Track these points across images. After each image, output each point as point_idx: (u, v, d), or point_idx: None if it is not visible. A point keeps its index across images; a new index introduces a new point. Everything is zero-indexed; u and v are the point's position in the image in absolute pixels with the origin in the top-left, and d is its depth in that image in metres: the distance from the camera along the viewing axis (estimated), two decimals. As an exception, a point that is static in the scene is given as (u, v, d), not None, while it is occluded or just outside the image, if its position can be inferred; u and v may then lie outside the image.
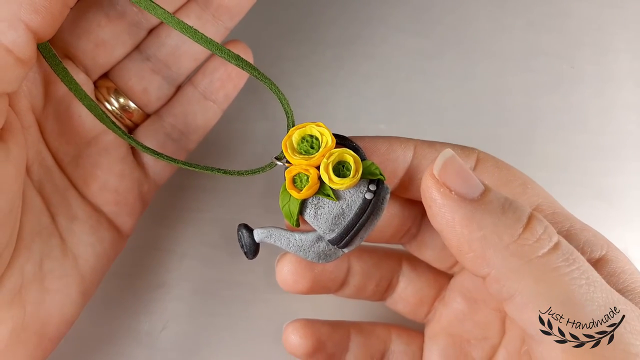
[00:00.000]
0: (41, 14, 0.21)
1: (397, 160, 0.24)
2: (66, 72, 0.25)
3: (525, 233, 0.20)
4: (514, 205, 0.20)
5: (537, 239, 0.20)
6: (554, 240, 0.20)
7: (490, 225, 0.20)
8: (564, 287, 0.19)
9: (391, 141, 0.24)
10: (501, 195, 0.20)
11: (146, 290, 0.32)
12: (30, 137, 0.25)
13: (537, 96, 0.36)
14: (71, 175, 0.27)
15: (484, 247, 0.20)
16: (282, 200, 0.23)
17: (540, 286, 0.19)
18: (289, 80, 0.35)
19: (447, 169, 0.20)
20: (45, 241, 0.25)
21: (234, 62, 0.23)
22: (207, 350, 0.32)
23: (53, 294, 0.25)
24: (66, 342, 0.30)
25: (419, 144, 0.24)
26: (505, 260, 0.20)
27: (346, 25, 0.36)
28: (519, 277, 0.19)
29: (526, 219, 0.20)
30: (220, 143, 0.34)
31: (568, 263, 0.19)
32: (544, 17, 0.37)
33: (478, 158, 0.24)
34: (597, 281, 0.20)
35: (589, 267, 0.20)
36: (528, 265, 0.19)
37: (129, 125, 0.29)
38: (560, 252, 0.20)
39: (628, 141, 0.35)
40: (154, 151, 0.26)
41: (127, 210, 0.28)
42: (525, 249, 0.19)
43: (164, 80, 0.29)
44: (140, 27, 0.28)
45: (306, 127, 0.23)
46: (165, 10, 0.23)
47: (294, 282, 0.26)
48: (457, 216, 0.20)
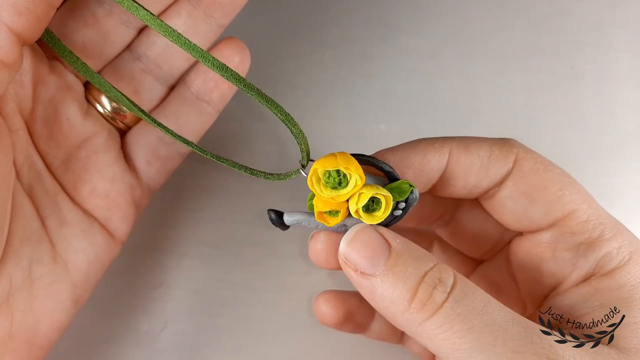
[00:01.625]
0: (24, 16, 0.20)
1: (432, 170, 0.24)
2: (77, 59, 0.24)
3: (413, 302, 0.21)
4: (407, 275, 0.21)
5: (422, 304, 0.21)
6: (439, 300, 0.21)
7: (388, 297, 0.21)
8: (446, 343, 0.20)
9: (426, 151, 0.24)
10: (406, 260, 0.22)
11: (146, 290, 0.32)
12: (19, 141, 0.24)
13: (537, 96, 0.36)
14: (61, 179, 0.26)
15: (390, 317, 0.22)
16: (311, 207, 0.23)
17: (435, 346, 0.21)
18: (288, 80, 0.35)
19: (352, 249, 0.22)
20: (34, 246, 0.24)
21: (219, 72, 0.21)
22: (207, 351, 0.32)
23: (42, 300, 0.24)
24: (66, 342, 0.30)
25: (454, 149, 0.24)
26: (406, 326, 0.21)
27: (346, 25, 0.36)
28: (423, 340, 0.21)
29: (416, 286, 0.21)
30: (220, 143, 0.34)
31: (450, 319, 0.20)
32: (543, 16, 0.37)
33: (516, 159, 0.24)
34: (480, 324, 0.20)
35: (479, 310, 0.21)
36: (420, 329, 0.21)
37: (121, 127, 0.28)
38: (444, 311, 0.21)
39: (628, 141, 0.35)
40: (183, 138, 0.25)
41: (120, 216, 0.27)
42: (414, 316, 0.21)
43: (156, 81, 0.28)
44: (130, 25, 0.27)
45: (332, 162, 0.22)
46: (149, 12, 0.21)
47: (326, 262, 0.25)
48: (365, 291, 0.22)
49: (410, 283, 0.21)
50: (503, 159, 0.24)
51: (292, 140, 0.34)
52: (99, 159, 0.27)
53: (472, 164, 0.24)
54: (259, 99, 0.21)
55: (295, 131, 0.22)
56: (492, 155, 0.24)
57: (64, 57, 0.25)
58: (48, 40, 0.24)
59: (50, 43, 0.24)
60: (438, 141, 0.24)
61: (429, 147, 0.24)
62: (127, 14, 0.26)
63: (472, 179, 0.24)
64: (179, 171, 0.31)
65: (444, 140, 0.24)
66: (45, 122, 0.25)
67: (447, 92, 0.36)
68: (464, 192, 0.25)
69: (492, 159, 0.24)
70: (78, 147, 0.26)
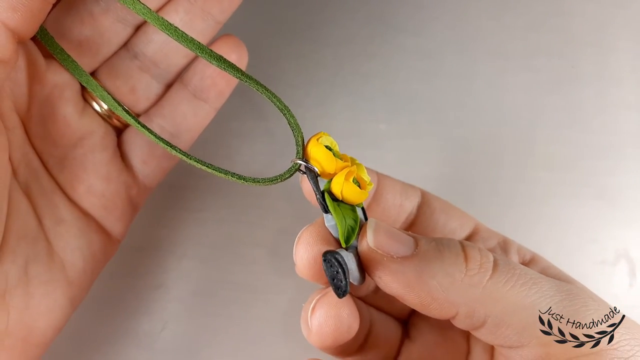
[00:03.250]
0: (19, 12, 0.20)
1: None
2: (69, 58, 0.24)
3: (469, 264, 0.21)
4: (446, 243, 0.21)
5: (480, 265, 0.21)
6: (491, 259, 0.21)
7: (438, 270, 0.20)
8: (517, 296, 0.20)
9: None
10: (430, 239, 0.22)
11: (145, 291, 0.32)
12: (16, 139, 0.24)
13: (537, 96, 0.36)
14: (57, 177, 0.26)
15: (443, 292, 0.21)
16: (339, 218, 0.21)
17: (501, 304, 0.20)
18: (288, 80, 0.35)
19: (382, 236, 0.21)
20: (31, 245, 0.24)
21: (217, 64, 0.21)
22: (207, 351, 0.32)
23: (39, 299, 0.24)
24: (65, 343, 0.30)
25: (380, 175, 0.26)
26: (466, 295, 0.20)
27: (346, 25, 0.36)
28: (483, 305, 0.20)
29: (462, 251, 0.21)
30: (219, 142, 0.34)
31: (510, 274, 0.21)
32: (544, 16, 0.37)
33: (422, 193, 0.26)
34: (534, 276, 0.21)
35: (523, 267, 0.21)
36: (484, 291, 0.20)
37: (117, 126, 0.28)
38: (500, 268, 0.21)
39: (628, 141, 0.35)
40: (167, 142, 0.24)
41: (116, 214, 0.27)
42: (475, 279, 0.20)
43: (153, 79, 0.28)
44: (126, 23, 0.27)
45: (322, 137, 0.22)
46: (146, 7, 0.21)
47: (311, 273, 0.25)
48: (410, 276, 0.21)
49: (455, 247, 0.21)
50: (413, 191, 0.26)
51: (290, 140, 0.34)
52: (95, 158, 0.27)
53: (394, 185, 0.26)
54: (257, 88, 0.22)
55: (292, 122, 0.22)
56: (405, 186, 0.26)
57: (56, 56, 0.25)
58: (42, 38, 0.24)
59: (44, 40, 0.24)
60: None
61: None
62: (124, 12, 0.26)
63: (395, 210, 0.26)
64: (179, 171, 0.31)
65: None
66: (42, 120, 0.25)
67: (447, 92, 0.36)
68: (394, 212, 0.26)
69: (405, 187, 0.26)
70: (74, 145, 0.26)
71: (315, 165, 0.22)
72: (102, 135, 0.27)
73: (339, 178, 0.22)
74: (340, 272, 0.20)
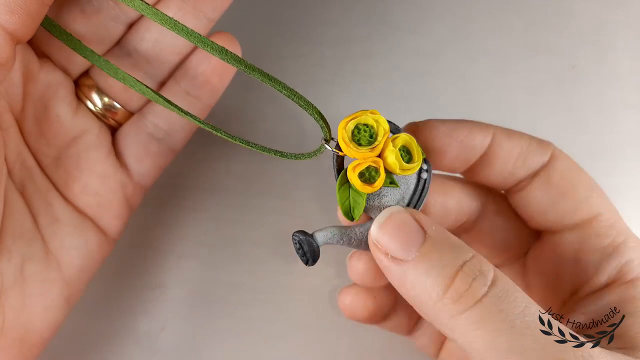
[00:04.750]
0: (17, 14, 0.20)
1: (475, 147, 0.24)
2: (81, 44, 0.24)
3: (448, 292, 0.20)
4: (443, 262, 0.20)
5: (459, 296, 0.20)
6: (478, 295, 0.20)
7: (420, 284, 0.20)
8: (480, 341, 0.19)
9: (472, 128, 0.24)
10: (439, 249, 0.21)
11: (145, 291, 0.32)
12: (10, 138, 0.24)
13: (537, 95, 0.36)
14: (52, 176, 0.26)
15: (418, 306, 0.21)
16: (341, 197, 0.23)
17: (466, 340, 0.20)
18: (288, 79, 0.35)
19: (384, 232, 0.21)
20: (26, 244, 0.24)
21: (219, 55, 0.21)
22: (206, 351, 0.32)
23: (35, 298, 0.24)
24: (65, 343, 0.30)
25: (497, 132, 0.24)
26: (437, 318, 0.20)
27: (346, 24, 0.36)
28: (451, 333, 0.20)
29: (453, 275, 0.20)
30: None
31: (488, 317, 0.19)
32: (544, 16, 0.37)
33: (552, 155, 0.25)
34: (520, 325, 0.19)
35: (518, 311, 0.19)
36: (453, 321, 0.20)
37: (112, 124, 0.28)
38: (482, 306, 0.20)
39: (628, 141, 0.35)
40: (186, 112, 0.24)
41: (112, 213, 0.27)
42: (448, 307, 0.20)
43: (146, 77, 0.28)
44: (119, 21, 0.27)
45: (360, 117, 0.22)
46: (143, 1, 0.22)
47: (373, 280, 0.26)
48: (395, 278, 0.21)
49: (446, 271, 0.20)
50: (541, 151, 0.24)
51: (293, 136, 0.34)
52: (89, 157, 0.27)
53: (512, 150, 0.24)
54: (261, 79, 0.22)
55: (303, 105, 0.22)
56: (532, 146, 0.24)
57: (67, 44, 0.25)
58: (49, 29, 0.24)
59: (51, 31, 0.24)
60: (483, 123, 0.25)
61: (474, 125, 0.24)
62: (116, 10, 0.26)
63: (510, 165, 0.24)
64: (179, 171, 0.31)
65: (488, 124, 0.25)
66: (36, 119, 0.25)
67: (447, 92, 0.35)
68: (499, 178, 0.25)
69: (531, 149, 0.24)
70: (69, 144, 0.26)
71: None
72: (97, 133, 0.27)
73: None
74: (301, 250, 0.23)
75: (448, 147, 0.24)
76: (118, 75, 0.25)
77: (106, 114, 0.27)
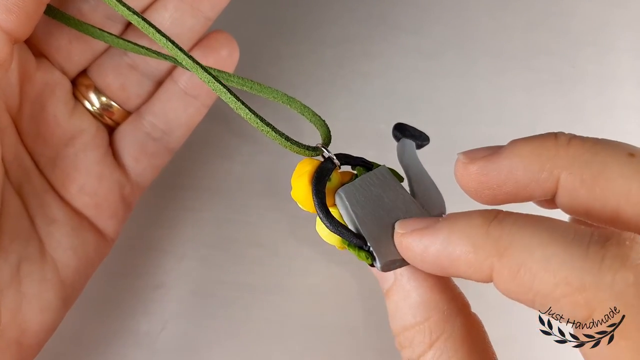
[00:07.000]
0: (15, 14, 0.20)
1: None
2: (94, 29, 0.24)
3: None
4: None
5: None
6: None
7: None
8: None
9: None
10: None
11: (145, 291, 0.32)
12: (7, 138, 0.24)
13: (537, 95, 0.36)
14: (49, 177, 0.26)
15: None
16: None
17: None
18: (288, 80, 0.35)
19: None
20: (23, 244, 0.24)
21: (196, 71, 0.21)
22: (206, 351, 0.32)
23: (31, 299, 0.24)
24: (65, 344, 0.30)
25: None
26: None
27: (346, 24, 0.36)
28: None
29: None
30: (219, 142, 0.34)
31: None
32: (544, 16, 0.37)
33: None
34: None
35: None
36: None
37: (109, 124, 0.28)
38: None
39: (628, 141, 0.35)
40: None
41: (109, 213, 0.27)
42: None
43: (143, 76, 0.28)
44: (116, 20, 0.27)
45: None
46: (129, 8, 0.21)
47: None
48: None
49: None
50: None
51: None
52: (86, 157, 0.26)
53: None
54: (255, 91, 0.22)
55: (300, 111, 0.22)
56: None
57: (78, 29, 0.25)
58: (54, 16, 0.24)
59: (56, 18, 0.24)
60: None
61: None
62: (113, 9, 0.26)
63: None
64: (179, 171, 0.31)
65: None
66: (33, 119, 0.25)
67: (448, 91, 0.35)
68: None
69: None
70: (65, 144, 0.26)
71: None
72: (94, 133, 0.27)
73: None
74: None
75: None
76: (138, 51, 0.25)
77: (103, 113, 0.27)
